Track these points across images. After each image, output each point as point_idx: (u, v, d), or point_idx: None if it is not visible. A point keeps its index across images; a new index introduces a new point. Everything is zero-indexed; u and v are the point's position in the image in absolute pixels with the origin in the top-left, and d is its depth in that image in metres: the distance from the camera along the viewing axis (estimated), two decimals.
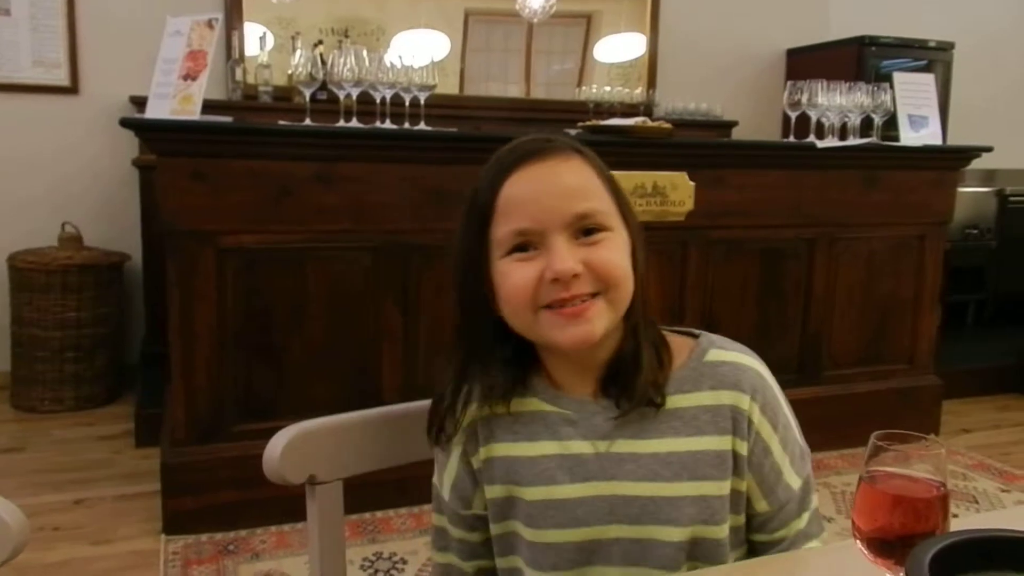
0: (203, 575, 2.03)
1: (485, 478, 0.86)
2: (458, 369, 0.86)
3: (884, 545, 0.59)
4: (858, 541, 0.61)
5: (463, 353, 0.86)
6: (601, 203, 0.81)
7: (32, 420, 3.17)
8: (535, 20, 4.10)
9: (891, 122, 2.95)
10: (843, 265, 2.92)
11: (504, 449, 0.85)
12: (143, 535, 2.22)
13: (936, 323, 3.16)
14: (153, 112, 2.19)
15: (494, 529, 0.87)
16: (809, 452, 0.88)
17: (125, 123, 2.14)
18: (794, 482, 0.84)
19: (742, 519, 0.84)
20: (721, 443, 0.82)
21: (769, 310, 2.84)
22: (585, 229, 0.79)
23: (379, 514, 2.34)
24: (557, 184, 0.80)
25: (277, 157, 2.25)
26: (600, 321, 0.79)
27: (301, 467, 0.83)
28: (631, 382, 0.81)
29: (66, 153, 3.54)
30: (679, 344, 0.86)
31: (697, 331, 0.88)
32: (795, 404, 0.88)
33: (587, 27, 4.49)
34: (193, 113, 2.15)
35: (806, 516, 0.85)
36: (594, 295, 0.79)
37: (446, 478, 0.89)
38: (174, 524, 2.22)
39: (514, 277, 0.79)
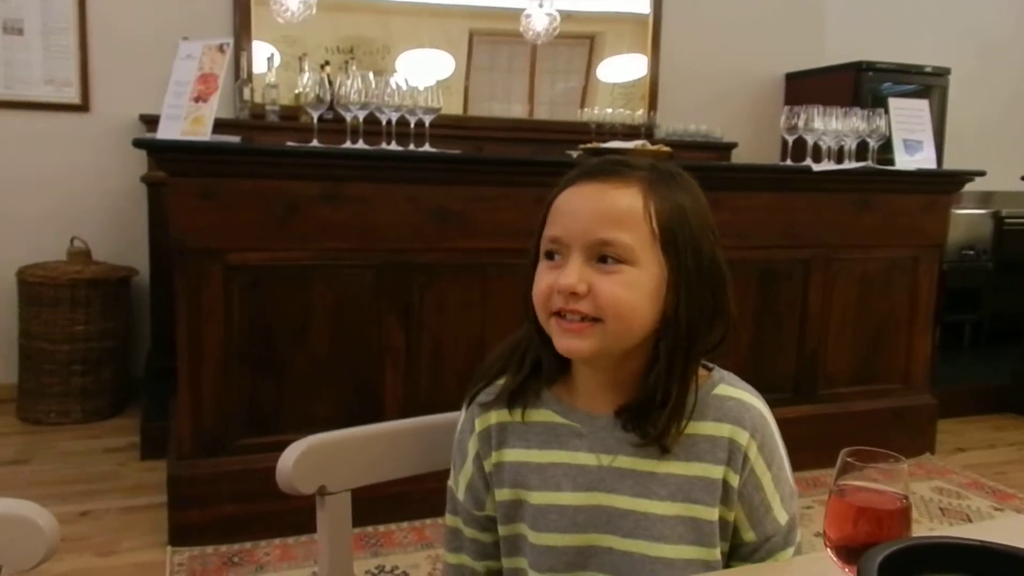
0: None
1: (495, 481, 0.91)
2: (520, 340, 0.92)
3: (851, 552, 0.64)
4: (829, 549, 0.66)
5: (523, 333, 0.91)
6: (632, 236, 0.82)
7: (39, 432, 3.21)
8: (539, 41, 4.17)
9: (887, 146, 3.02)
10: (838, 286, 2.97)
11: (515, 455, 0.90)
12: (148, 547, 2.26)
13: (931, 343, 3.20)
14: (165, 133, 2.25)
15: (502, 531, 0.92)
16: (797, 492, 0.93)
17: (138, 143, 2.20)
18: (782, 517, 0.89)
19: (726, 547, 0.89)
20: (715, 471, 0.86)
21: (765, 330, 2.88)
22: (603, 256, 0.83)
23: (382, 528, 2.38)
24: (596, 206, 0.83)
25: (284, 177, 2.30)
26: (591, 343, 0.83)
27: (312, 478, 0.88)
28: (651, 421, 0.85)
29: (76, 169, 3.60)
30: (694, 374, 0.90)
31: (711, 364, 0.92)
32: (791, 423, 0.93)
33: (590, 48, 4.56)
34: (204, 134, 2.21)
35: (790, 551, 0.90)
36: (594, 320, 0.82)
37: (461, 479, 0.94)
38: (179, 536, 2.26)
39: (539, 281, 0.86)
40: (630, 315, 0.83)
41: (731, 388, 0.90)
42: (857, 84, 4.33)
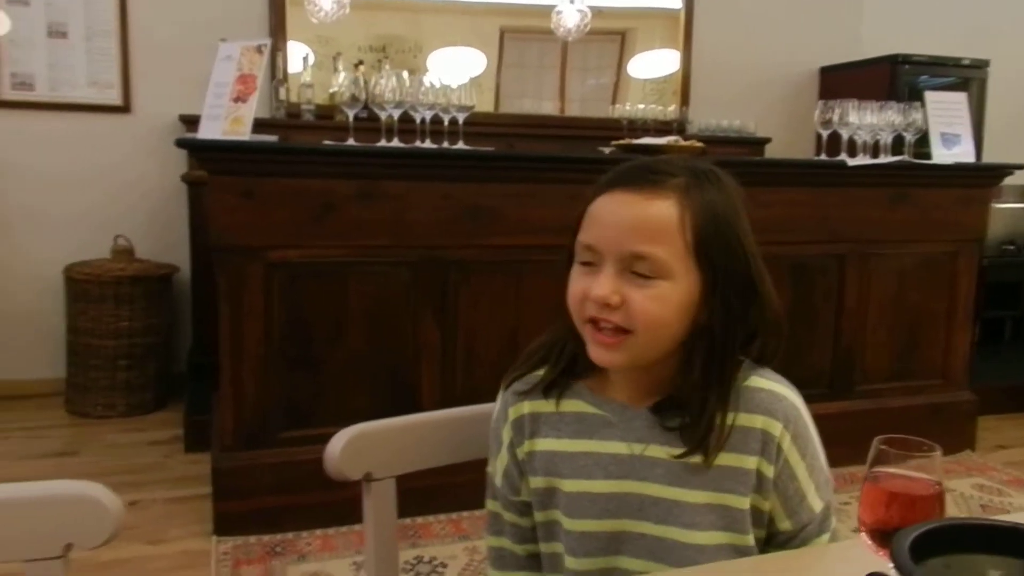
0: (253, 574, 2.12)
1: (529, 469, 0.94)
2: (556, 338, 0.94)
3: (885, 536, 0.65)
4: (863, 533, 0.67)
5: (562, 328, 0.92)
6: (666, 251, 0.83)
7: (86, 425, 3.30)
8: (570, 38, 4.18)
9: (924, 139, 2.99)
10: (875, 281, 2.95)
11: (546, 444, 0.93)
12: (194, 536, 2.32)
13: (971, 339, 3.16)
14: (205, 133, 2.30)
15: (538, 516, 0.95)
16: (832, 480, 0.94)
17: (181, 143, 2.25)
18: (816, 505, 0.90)
19: (762, 534, 0.90)
20: (748, 462, 0.87)
21: (800, 325, 2.87)
22: (634, 269, 0.83)
23: (420, 519, 2.42)
24: (630, 217, 0.84)
25: (321, 175, 2.35)
26: (624, 355, 0.85)
27: (358, 464, 0.92)
28: (694, 429, 0.86)
29: (119, 169, 3.69)
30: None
31: (742, 357, 0.92)
32: (827, 419, 0.94)
33: (621, 44, 4.56)
34: (243, 134, 2.26)
35: (825, 537, 0.91)
36: (626, 331, 0.84)
37: (498, 466, 0.97)
38: (224, 526, 2.32)
39: (573, 285, 0.87)
40: (661, 328, 0.84)
41: (762, 380, 0.91)
42: (893, 77, 4.27)
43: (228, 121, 2.29)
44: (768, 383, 0.91)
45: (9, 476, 2.74)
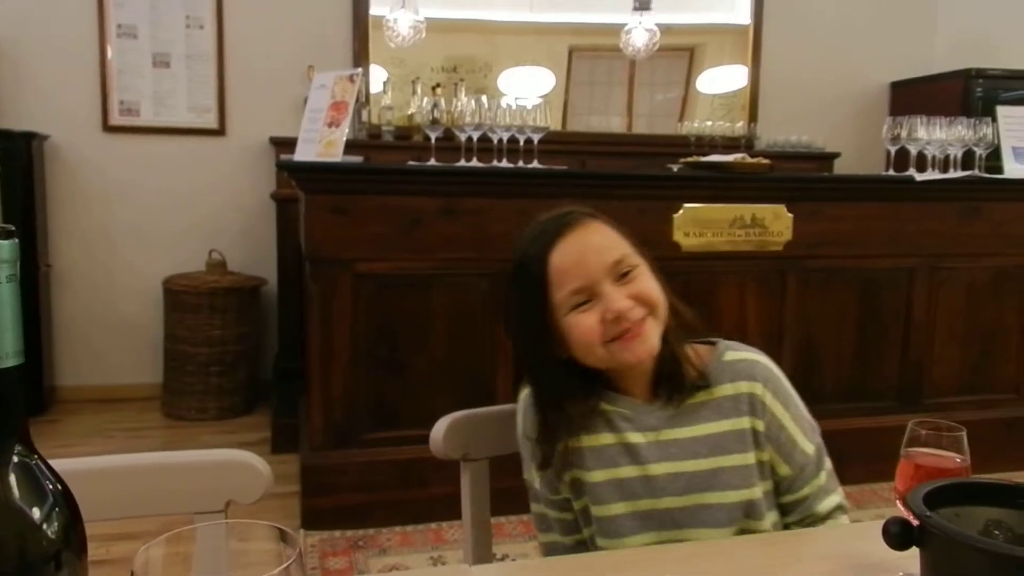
0: (338, 565, 2.28)
1: (562, 466, 1.07)
2: (539, 412, 1.07)
3: None
4: (898, 501, 0.77)
5: (538, 396, 1.07)
6: (624, 249, 1.03)
7: (181, 427, 3.54)
8: (639, 57, 4.28)
9: (996, 153, 2.99)
10: (944, 294, 2.96)
11: (575, 442, 1.06)
12: None
13: None
14: (302, 155, 2.50)
15: (576, 506, 1.08)
16: (818, 426, 1.08)
17: (281, 165, 2.46)
18: (808, 448, 1.04)
19: (770, 484, 1.04)
20: (741, 423, 1.03)
21: (868, 337, 2.90)
22: (621, 272, 1.01)
23: (493, 520, 2.53)
24: (590, 246, 1.02)
25: (407, 193, 2.51)
26: (653, 335, 1.01)
27: (457, 446, 1.06)
28: (678, 377, 1.03)
29: (213, 188, 3.95)
30: (702, 350, 1.08)
31: (714, 339, 1.10)
32: (894, 431, 1.01)
33: (690, 60, 4.63)
34: (336, 156, 2.45)
35: (823, 475, 1.05)
36: (644, 318, 1.00)
37: (535, 472, 1.10)
38: (311, 520, 2.48)
39: (582, 326, 1.01)
40: (662, 300, 1.02)
41: (736, 352, 1.07)
42: (967, 91, 4.24)
43: (322, 144, 2.48)
44: (742, 354, 1.07)
45: None
